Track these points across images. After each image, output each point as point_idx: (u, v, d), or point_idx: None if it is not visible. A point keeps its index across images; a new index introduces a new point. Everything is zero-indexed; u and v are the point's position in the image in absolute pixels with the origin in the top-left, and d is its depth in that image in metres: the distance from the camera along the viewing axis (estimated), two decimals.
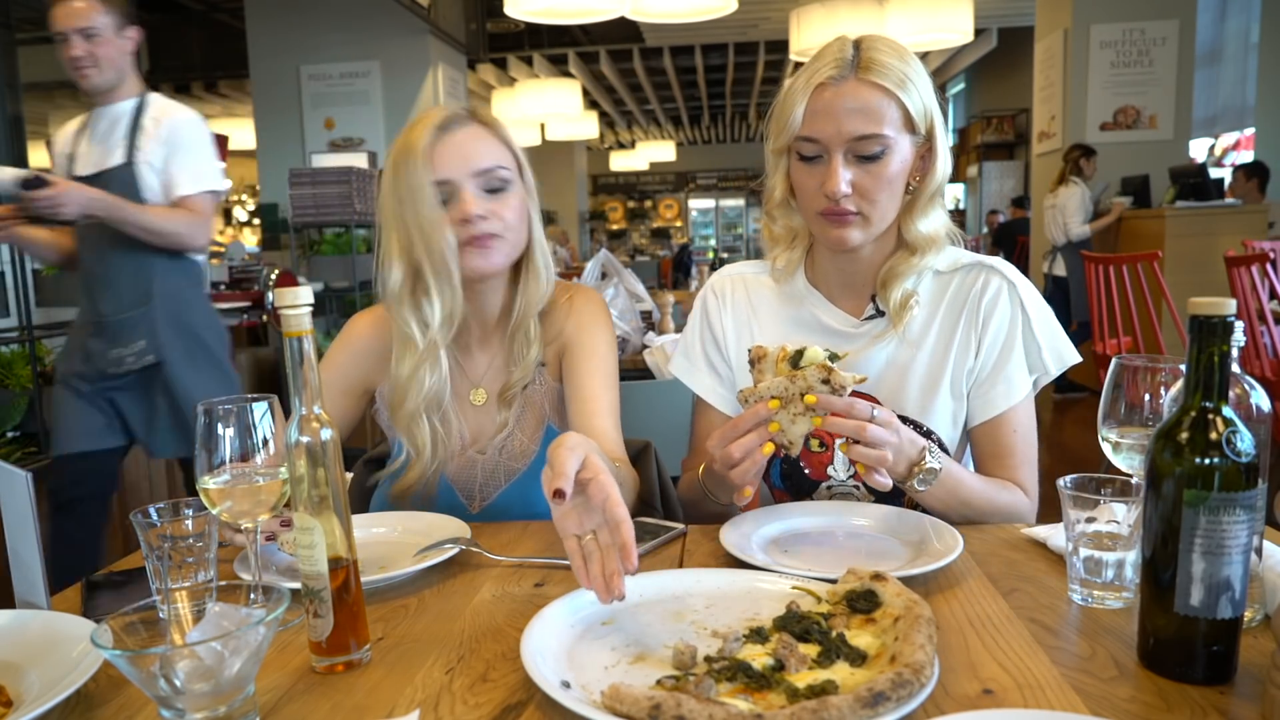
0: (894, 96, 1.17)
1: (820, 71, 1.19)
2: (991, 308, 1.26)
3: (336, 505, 0.80)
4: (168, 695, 0.66)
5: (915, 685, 0.67)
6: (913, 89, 1.19)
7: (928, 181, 1.24)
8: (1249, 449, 0.71)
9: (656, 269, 10.52)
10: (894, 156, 1.18)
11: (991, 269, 1.29)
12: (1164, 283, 4.02)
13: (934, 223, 1.26)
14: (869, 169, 1.18)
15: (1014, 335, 1.26)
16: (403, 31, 6.64)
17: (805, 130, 1.19)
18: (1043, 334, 1.26)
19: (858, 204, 1.19)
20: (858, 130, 1.16)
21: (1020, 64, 9.07)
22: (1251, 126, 7.76)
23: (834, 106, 1.17)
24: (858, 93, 1.17)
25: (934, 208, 1.26)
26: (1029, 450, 1.27)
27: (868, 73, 1.17)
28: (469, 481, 1.36)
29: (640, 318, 3.13)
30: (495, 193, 1.26)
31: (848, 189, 1.18)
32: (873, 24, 5.08)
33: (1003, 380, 1.26)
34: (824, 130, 1.18)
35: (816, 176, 1.20)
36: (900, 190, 1.22)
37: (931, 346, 1.28)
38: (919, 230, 1.25)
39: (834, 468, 1.30)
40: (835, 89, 1.17)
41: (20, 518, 0.92)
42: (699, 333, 1.40)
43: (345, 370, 1.36)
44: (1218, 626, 0.72)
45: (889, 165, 1.18)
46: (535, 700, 0.74)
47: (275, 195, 6.52)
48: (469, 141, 1.25)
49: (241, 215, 14.38)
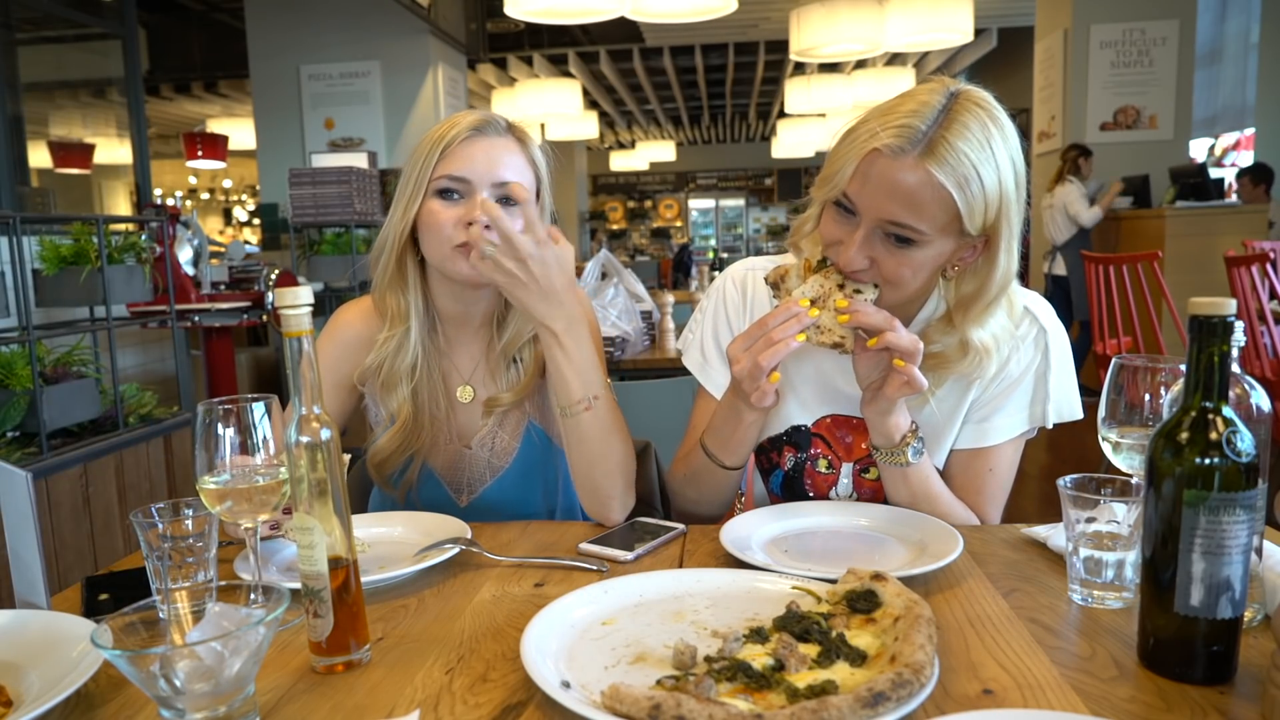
0: (947, 197, 1.02)
1: (884, 134, 1.03)
2: (1015, 347, 1.20)
3: (336, 505, 0.80)
4: (168, 695, 0.66)
5: (915, 685, 0.67)
6: (973, 189, 1.03)
7: (981, 283, 1.11)
8: (1249, 449, 0.71)
9: (656, 269, 10.51)
10: (929, 249, 1.07)
11: (1030, 315, 1.22)
12: (1164, 283, 4.02)
13: (986, 333, 1.14)
14: (896, 253, 1.07)
15: (1025, 378, 1.21)
16: (403, 31, 6.64)
17: (847, 188, 1.07)
18: (1055, 387, 1.21)
19: (875, 279, 1.10)
20: (895, 216, 1.04)
21: (1020, 64, 9.06)
22: (1251, 126, 7.77)
23: (881, 183, 1.04)
24: (915, 178, 1.02)
25: (989, 315, 1.13)
26: (999, 491, 1.24)
27: (932, 161, 1.01)
28: (457, 475, 1.37)
29: (640, 318, 3.13)
30: (507, 207, 1.26)
31: (864, 264, 1.08)
32: (873, 24, 5.07)
33: (997, 415, 1.21)
34: (860, 199, 1.06)
35: (839, 234, 1.10)
36: (934, 274, 1.12)
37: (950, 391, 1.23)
38: (971, 341, 1.14)
39: (836, 491, 1.29)
40: (891, 162, 1.03)
41: (20, 518, 0.92)
42: (712, 325, 1.34)
43: (335, 363, 1.36)
44: (1218, 626, 0.72)
45: (919, 253, 1.07)
46: (535, 700, 0.74)
47: (275, 195, 6.53)
48: (498, 151, 1.26)
49: (241, 215, 14.39)
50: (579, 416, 1.18)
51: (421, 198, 1.25)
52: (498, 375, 1.36)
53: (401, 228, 1.26)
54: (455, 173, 1.23)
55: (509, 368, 1.36)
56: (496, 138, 1.27)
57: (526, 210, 1.16)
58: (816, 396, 1.29)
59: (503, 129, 1.28)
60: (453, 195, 1.24)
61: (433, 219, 1.24)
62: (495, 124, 1.28)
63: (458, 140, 1.24)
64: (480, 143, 1.25)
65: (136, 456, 2.64)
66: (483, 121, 1.27)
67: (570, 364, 1.17)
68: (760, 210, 19.20)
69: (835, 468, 1.29)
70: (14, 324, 2.42)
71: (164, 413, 2.87)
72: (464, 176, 1.23)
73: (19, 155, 4.79)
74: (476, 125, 1.26)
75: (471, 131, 1.25)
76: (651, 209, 20.09)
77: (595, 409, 1.18)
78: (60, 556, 2.31)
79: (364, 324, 1.36)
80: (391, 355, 1.31)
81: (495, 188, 1.24)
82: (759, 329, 1.08)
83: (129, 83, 5.32)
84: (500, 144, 1.27)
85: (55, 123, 6.37)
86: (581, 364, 1.17)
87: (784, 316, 1.07)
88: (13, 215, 2.49)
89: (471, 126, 1.25)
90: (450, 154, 1.24)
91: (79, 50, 5.90)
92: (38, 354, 2.37)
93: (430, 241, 1.25)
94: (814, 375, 1.29)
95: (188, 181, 13.77)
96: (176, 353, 3.21)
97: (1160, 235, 5.54)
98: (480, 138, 1.25)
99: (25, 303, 2.36)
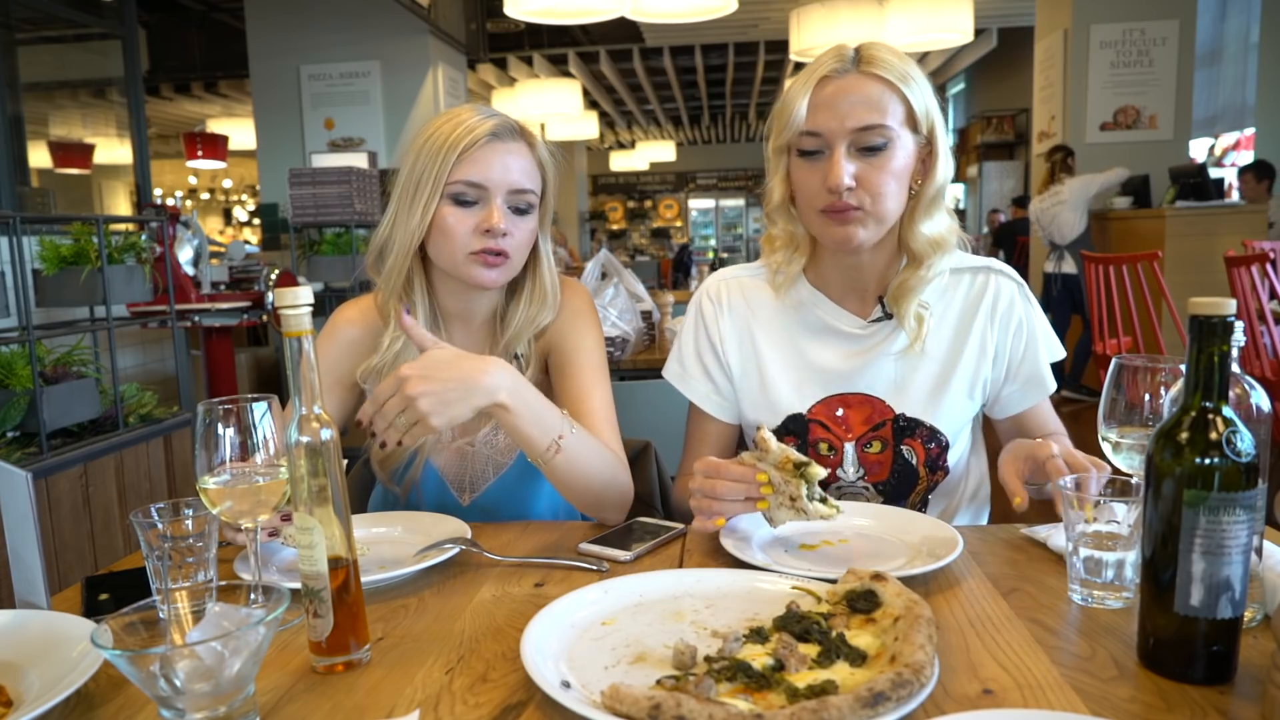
0: (897, 90, 1.18)
1: (822, 66, 1.19)
2: (1009, 312, 1.30)
3: (336, 505, 0.80)
4: (168, 695, 0.66)
5: (915, 685, 0.67)
6: (915, 86, 1.19)
7: (929, 183, 1.24)
8: (1249, 449, 0.71)
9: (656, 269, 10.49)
10: (898, 150, 1.18)
11: (1000, 274, 1.31)
12: (1164, 283, 4.02)
13: (938, 225, 1.25)
14: (872, 162, 1.17)
15: (1034, 330, 1.31)
16: (403, 31, 6.63)
17: (808, 124, 1.19)
18: (1044, 330, 1.32)
19: (860, 199, 1.18)
20: (861, 121, 1.16)
21: (1020, 64, 9.07)
22: (1251, 126, 7.76)
23: (837, 99, 1.17)
24: (861, 85, 1.17)
25: (937, 210, 1.25)
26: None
27: (870, 66, 1.18)
28: (459, 473, 1.37)
29: (640, 318, 3.13)
30: (518, 214, 1.26)
31: (851, 182, 1.17)
32: (873, 24, 5.07)
33: (1040, 369, 1.31)
34: (827, 123, 1.17)
35: (818, 173, 1.19)
36: (904, 188, 1.21)
37: (941, 348, 1.30)
38: (923, 233, 1.24)
39: (843, 469, 1.30)
40: (838, 82, 1.18)
41: (20, 518, 0.92)
42: (694, 339, 1.39)
43: (335, 363, 1.36)
44: (1218, 626, 0.72)
45: (893, 159, 1.18)
46: (535, 700, 0.74)
47: (275, 195, 6.52)
48: (513, 157, 1.25)
49: (241, 215, 14.39)
50: (551, 461, 1.13)
51: (437, 202, 1.23)
52: None
53: (416, 234, 1.25)
54: (473, 179, 1.22)
55: (511, 363, 1.35)
56: (511, 143, 1.26)
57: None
58: (807, 380, 1.32)
59: (515, 133, 1.28)
60: (468, 202, 1.23)
61: (447, 226, 1.23)
62: (510, 128, 1.27)
63: (476, 145, 1.23)
64: (498, 148, 1.24)
65: (136, 456, 2.64)
66: (499, 126, 1.25)
67: (524, 421, 1.10)
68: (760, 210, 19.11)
69: (837, 449, 1.31)
70: (14, 324, 2.42)
71: (164, 413, 2.87)
72: (482, 183, 1.23)
73: (19, 155, 4.78)
74: (494, 131, 1.24)
75: (490, 137, 1.24)
76: (651, 209, 20.10)
77: (564, 449, 1.13)
78: (60, 556, 2.31)
79: (364, 324, 1.36)
80: (396, 356, 1.31)
81: (511, 195, 1.24)
82: (721, 471, 1.05)
83: (129, 83, 5.32)
84: (515, 149, 1.26)
85: (55, 123, 6.36)
86: (535, 416, 1.11)
87: (740, 478, 1.04)
88: (13, 215, 2.49)
89: (490, 132, 1.24)
90: (469, 159, 1.23)
91: (79, 50, 5.89)
92: (38, 354, 2.37)
93: (444, 247, 1.25)
94: (797, 360, 1.33)
95: (188, 181, 13.77)
96: (176, 353, 3.21)
97: (1160, 235, 5.54)
98: (498, 143, 1.24)
99: (25, 303, 2.36)
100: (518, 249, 1.26)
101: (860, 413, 1.30)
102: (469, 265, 1.24)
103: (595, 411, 1.29)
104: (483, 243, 1.23)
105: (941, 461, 1.31)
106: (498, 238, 1.23)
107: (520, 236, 1.26)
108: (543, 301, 1.34)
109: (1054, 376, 1.33)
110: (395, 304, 1.27)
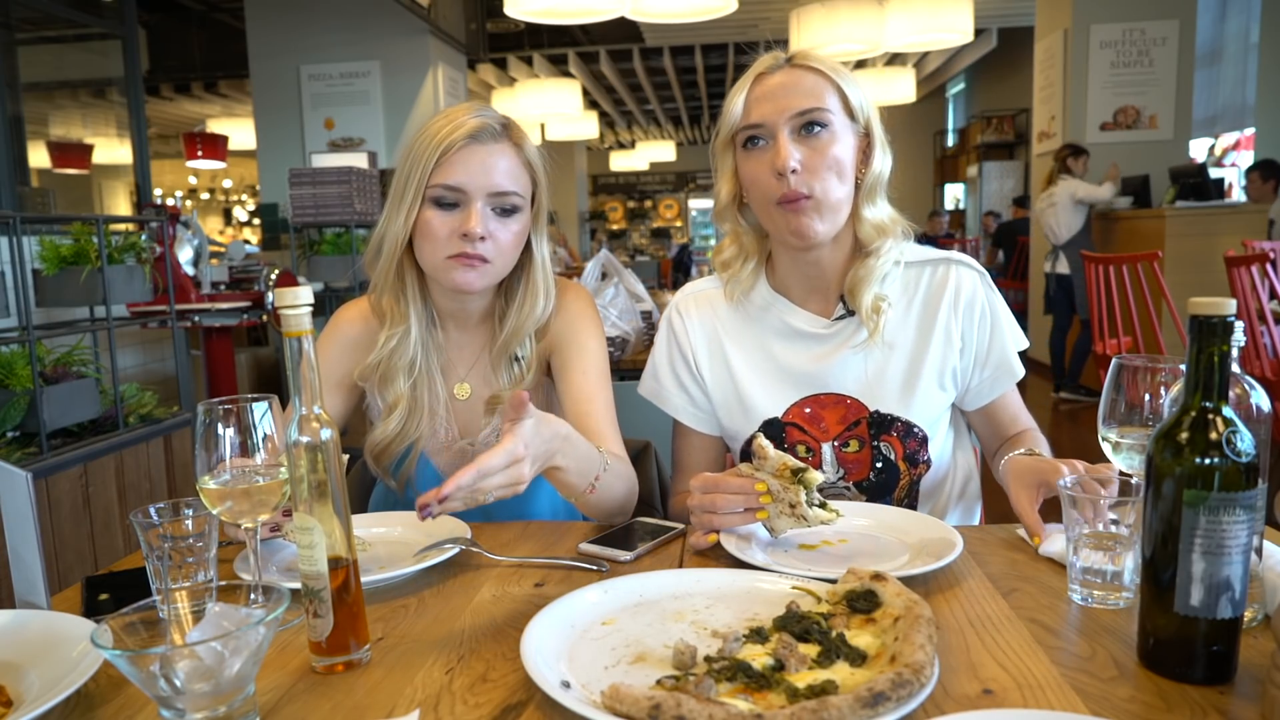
0: (831, 80, 1.23)
1: (759, 66, 1.26)
2: (972, 301, 1.31)
3: (336, 505, 0.80)
4: (168, 695, 0.66)
5: (915, 685, 0.67)
6: (848, 79, 1.24)
7: (870, 171, 1.27)
8: (1249, 449, 0.71)
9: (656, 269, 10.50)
10: (839, 134, 1.22)
11: (960, 264, 1.33)
12: (1164, 283, 4.02)
13: (880, 212, 1.28)
14: (815, 145, 1.21)
15: (999, 317, 1.33)
16: (403, 31, 6.63)
17: (749, 118, 1.23)
18: (1008, 319, 1.34)
19: (808, 184, 1.20)
20: (799, 106, 1.20)
21: (1020, 64, 9.06)
22: (1251, 126, 7.76)
23: (775, 90, 1.22)
24: (796, 76, 1.23)
25: (879, 197, 1.29)
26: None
27: (804, 60, 1.24)
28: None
29: (640, 318, 3.13)
30: (503, 215, 1.25)
31: (796, 164, 1.19)
32: (873, 24, 5.08)
33: (1008, 356, 1.32)
34: (767, 114, 1.21)
35: (765, 161, 1.22)
36: (849, 177, 1.24)
37: (908, 341, 1.31)
38: (867, 219, 1.27)
39: (822, 470, 1.30)
40: (774, 77, 1.23)
41: (20, 518, 0.92)
42: (667, 353, 1.40)
43: (335, 363, 1.36)
44: (1218, 626, 0.72)
45: (834, 142, 1.21)
46: (535, 700, 0.74)
47: (275, 195, 6.52)
48: (494, 158, 1.24)
49: (241, 215, 14.39)
50: (585, 498, 1.13)
51: (419, 205, 1.24)
52: (499, 372, 1.36)
53: (401, 235, 1.25)
54: (451, 182, 1.22)
55: (511, 365, 1.35)
56: (493, 144, 1.25)
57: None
58: (778, 384, 1.33)
59: (499, 133, 1.26)
60: (448, 204, 1.23)
61: (428, 229, 1.23)
62: (492, 129, 1.25)
63: (455, 148, 1.22)
64: (477, 150, 1.23)
65: (136, 456, 2.64)
66: (480, 128, 1.24)
67: (571, 475, 1.08)
68: None
69: (815, 450, 1.31)
70: (14, 324, 2.42)
71: (164, 413, 2.87)
72: (460, 186, 1.23)
73: (19, 155, 4.78)
74: (473, 132, 1.23)
75: (468, 139, 1.23)
76: (651, 209, 20.09)
77: (599, 488, 1.13)
78: (60, 556, 2.31)
79: (364, 324, 1.36)
80: (391, 353, 1.31)
81: (492, 197, 1.24)
82: (720, 485, 1.06)
83: (129, 83, 5.31)
84: (497, 150, 1.25)
85: (55, 123, 6.37)
86: (580, 468, 1.09)
87: (738, 489, 1.04)
88: (13, 215, 2.49)
89: (469, 134, 1.23)
90: (447, 161, 1.22)
91: (79, 50, 5.89)
92: (38, 354, 2.37)
93: (425, 250, 1.25)
94: (768, 365, 1.34)
95: (188, 181, 13.77)
96: (176, 353, 3.21)
97: (1160, 235, 5.54)
98: (477, 145, 1.23)
99: (25, 303, 2.36)
100: (500, 252, 1.26)
101: (835, 413, 1.31)
102: (448, 269, 1.24)
103: (598, 414, 1.29)
104: (460, 246, 1.22)
105: (922, 455, 1.31)
106: (475, 242, 1.22)
107: (504, 239, 1.26)
108: (535, 301, 1.33)
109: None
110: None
